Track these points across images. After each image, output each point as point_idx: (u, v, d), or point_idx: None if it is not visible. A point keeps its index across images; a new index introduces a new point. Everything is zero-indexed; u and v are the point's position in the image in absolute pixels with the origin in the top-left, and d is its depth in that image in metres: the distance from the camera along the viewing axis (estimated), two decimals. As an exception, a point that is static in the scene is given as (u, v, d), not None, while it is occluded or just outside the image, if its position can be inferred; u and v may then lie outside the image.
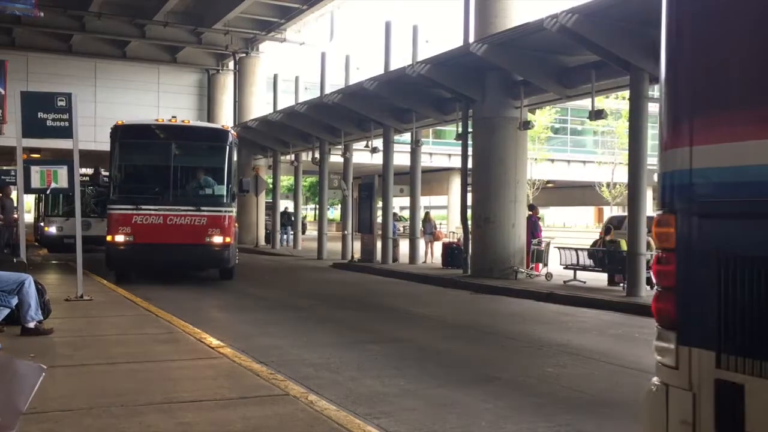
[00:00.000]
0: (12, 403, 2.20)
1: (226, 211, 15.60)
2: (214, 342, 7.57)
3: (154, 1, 28.98)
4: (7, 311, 7.65)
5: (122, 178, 15.69)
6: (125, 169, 15.95)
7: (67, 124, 10.69)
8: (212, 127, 18.20)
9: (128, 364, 6.53)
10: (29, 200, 26.44)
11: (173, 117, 16.31)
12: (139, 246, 14.73)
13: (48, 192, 13.87)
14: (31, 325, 7.72)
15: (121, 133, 15.62)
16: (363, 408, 5.59)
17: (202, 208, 15.18)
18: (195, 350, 7.23)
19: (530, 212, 18.59)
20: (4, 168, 32.48)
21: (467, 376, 7.18)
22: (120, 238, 14.81)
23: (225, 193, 15.71)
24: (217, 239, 15.18)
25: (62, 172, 11.10)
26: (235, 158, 16.33)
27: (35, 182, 11.06)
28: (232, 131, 16.64)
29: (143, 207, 14.89)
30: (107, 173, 16.93)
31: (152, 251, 14.71)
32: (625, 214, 18.04)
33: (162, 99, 33.49)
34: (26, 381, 2.24)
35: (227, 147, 15.90)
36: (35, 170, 11.08)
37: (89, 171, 27.16)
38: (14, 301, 7.62)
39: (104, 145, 32.42)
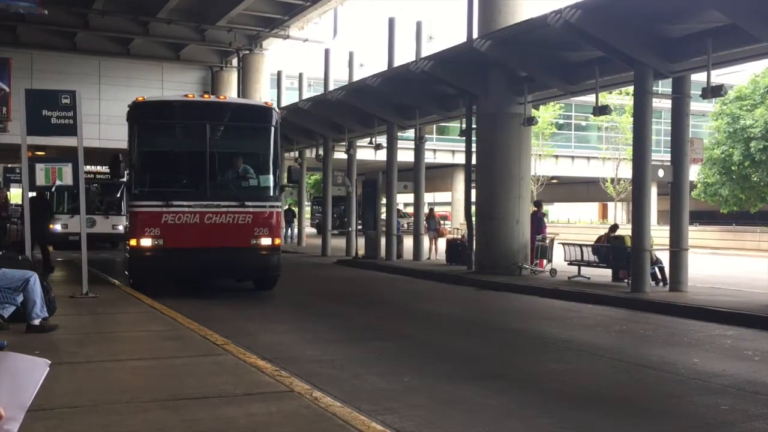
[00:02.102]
0: (17, 398, 2.21)
1: (273, 207, 13.01)
2: (219, 339, 7.58)
3: (157, -1, 28.97)
4: (12, 308, 7.68)
5: (146, 168, 12.82)
6: (149, 157, 13.03)
7: (71, 121, 10.70)
8: (254, 104, 14.99)
9: (133, 360, 6.54)
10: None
11: (205, 92, 14.21)
12: (170, 252, 12.04)
13: (53, 189, 13.89)
14: (37, 322, 7.74)
15: (142, 113, 12.71)
16: (367, 404, 5.60)
17: (247, 203, 12.53)
18: (200, 347, 7.24)
19: (536, 209, 18.58)
20: (9, 166, 32.61)
21: (471, 373, 7.18)
22: (146, 242, 12.08)
23: (272, 184, 13.10)
24: (265, 241, 12.62)
25: (67, 169, 11.12)
26: (279, 142, 13.49)
27: (40, 180, 11.08)
28: (276, 109, 13.66)
29: (175, 203, 12.13)
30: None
31: (187, 258, 12.11)
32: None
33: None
34: (31, 375, 2.25)
35: (272, 128, 13.06)
36: (40, 168, 11.09)
37: (95, 168, 27.16)
38: (20, 298, 7.64)
39: (109, 142, 32.63)
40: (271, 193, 13.02)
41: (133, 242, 12.29)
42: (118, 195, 28.58)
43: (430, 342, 9.12)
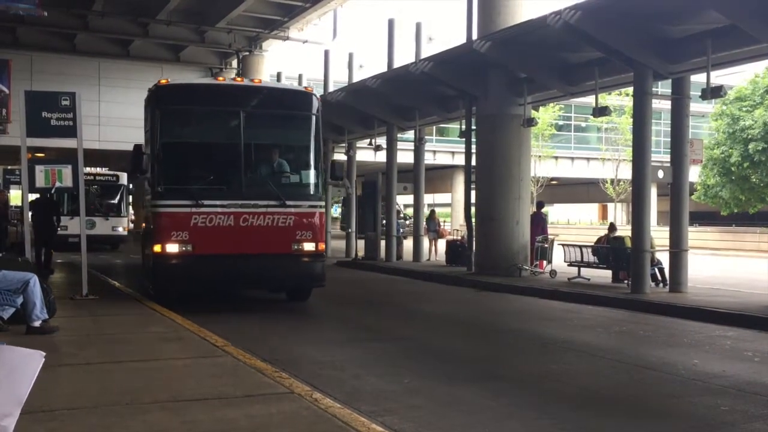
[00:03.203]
0: (13, 391, 2.20)
1: (317, 206, 11.41)
2: (219, 340, 7.58)
3: (157, 0, 28.98)
4: (12, 310, 7.69)
5: (171, 162, 11.05)
6: (175, 149, 11.28)
7: (71, 123, 10.70)
8: (293, 89, 12.85)
9: (133, 362, 6.54)
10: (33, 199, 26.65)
11: (238, 75, 12.68)
12: (200, 259, 10.54)
13: (53, 191, 13.88)
14: (37, 324, 7.74)
15: (166, 97, 11.21)
16: (367, 406, 5.60)
17: (288, 203, 10.98)
18: (200, 349, 7.24)
19: (537, 210, 18.61)
20: (9, 167, 32.59)
21: (472, 374, 7.18)
22: (172, 247, 10.52)
23: (316, 181, 11.61)
24: (309, 246, 11.10)
25: (67, 171, 11.12)
26: (321, 132, 11.96)
27: (40, 181, 11.08)
28: (317, 95, 12.10)
29: (206, 203, 10.59)
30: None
31: (219, 266, 10.60)
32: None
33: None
34: (26, 368, 2.24)
35: (313, 116, 11.67)
36: (40, 169, 11.10)
37: (94, 170, 27.15)
38: (20, 300, 7.65)
39: (108, 144, 32.69)
40: (316, 191, 11.52)
41: (157, 248, 10.59)
42: (118, 196, 28.62)
43: (430, 343, 9.11)
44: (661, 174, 14.05)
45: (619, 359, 8.03)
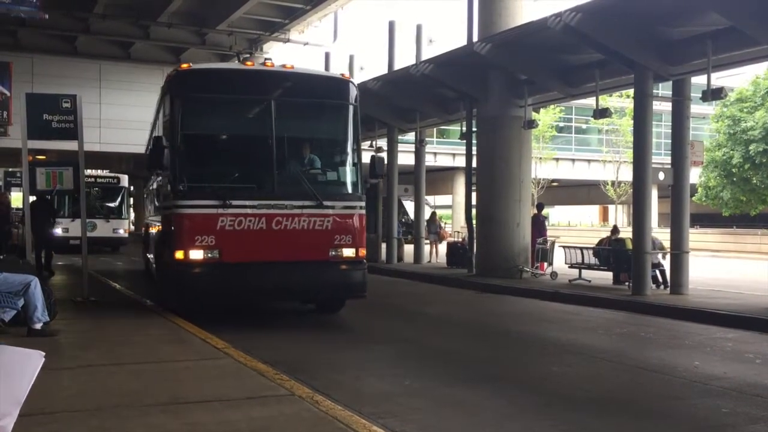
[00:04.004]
0: (12, 393, 2.20)
1: (357, 207, 10.20)
2: (220, 343, 7.58)
3: (157, 2, 29.01)
4: (13, 313, 7.68)
5: (194, 157, 9.86)
6: (198, 142, 10.10)
7: (72, 125, 10.71)
8: (330, 76, 11.56)
9: (134, 364, 6.54)
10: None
11: (268, 59, 10.88)
12: (228, 268, 9.38)
13: (53, 193, 13.91)
14: (38, 326, 7.75)
15: (189, 84, 9.97)
16: (368, 408, 5.60)
17: (326, 203, 9.83)
18: (201, 351, 7.25)
19: (537, 211, 18.63)
20: (10, 169, 32.62)
21: (472, 376, 7.18)
22: (197, 254, 9.29)
23: (355, 179, 10.39)
24: (348, 251, 10.01)
25: (68, 173, 11.14)
26: (360, 125, 10.77)
27: (41, 184, 11.10)
28: (354, 82, 10.85)
29: (235, 203, 9.39)
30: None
31: (249, 276, 9.46)
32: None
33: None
34: (26, 368, 2.24)
35: (352, 106, 10.50)
36: (41, 172, 11.12)
37: (95, 172, 27.18)
38: (21, 302, 7.64)
39: (109, 146, 32.73)
40: (355, 191, 10.29)
41: (179, 254, 9.33)
42: (119, 199, 28.65)
43: (430, 345, 9.11)
44: (661, 176, 14.05)
45: (619, 361, 8.03)
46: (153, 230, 14.28)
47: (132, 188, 31.60)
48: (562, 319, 11.54)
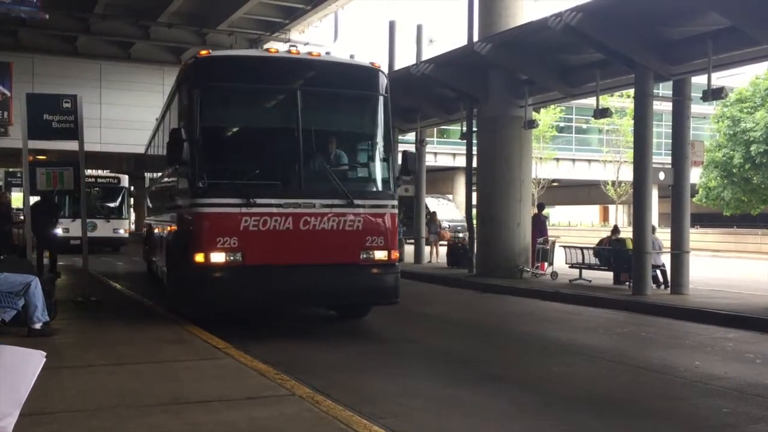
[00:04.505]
0: (13, 393, 2.20)
1: (389, 206, 9.51)
2: (221, 343, 7.58)
3: (158, 3, 29.03)
4: (13, 312, 7.68)
5: (214, 152, 9.13)
6: (219, 136, 9.47)
7: (72, 125, 10.71)
8: (358, 65, 10.50)
9: (135, 364, 6.54)
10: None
11: (292, 47, 9.99)
12: (251, 271, 8.67)
13: (53, 194, 13.87)
14: (38, 326, 7.75)
15: (208, 72, 9.22)
16: (369, 408, 5.59)
17: (357, 202, 9.15)
18: (201, 351, 7.24)
19: (538, 211, 18.63)
20: (11, 170, 32.64)
21: (473, 376, 7.18)
22: (218, 257, 8.60)
23: (388, 176, 9.68)
24: (380, 254, 9.32)
25: (68, 173, 11.13)
26: (391, 117, 9.94)
27: (41, 184, 11.09)
28: (384, 72, 10.11)
29: (259, 201, 8.71)
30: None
31: (275, 280, 8.77)
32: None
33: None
34: (27, 368, 2.23)
35: (382, 97, 9.80)
36: (41, 172, 11.11)
37: (96, 172, 27.16)
38: (21, 302, 7.65)
39: (110, 146, 32.73)
40: (387, 188, 9.57)
41: (198, 257, 8.60)
42: (119, 199, 28.66)
43: (431, 345, 9.11)
44: (662, 176, 14.05)
45: (620, 361, 8.03)
46: (158, 231, 13.73)
47: (132, 188, 31.57)
48: (562, 319, 11.54)
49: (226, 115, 9.66)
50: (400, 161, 9.90)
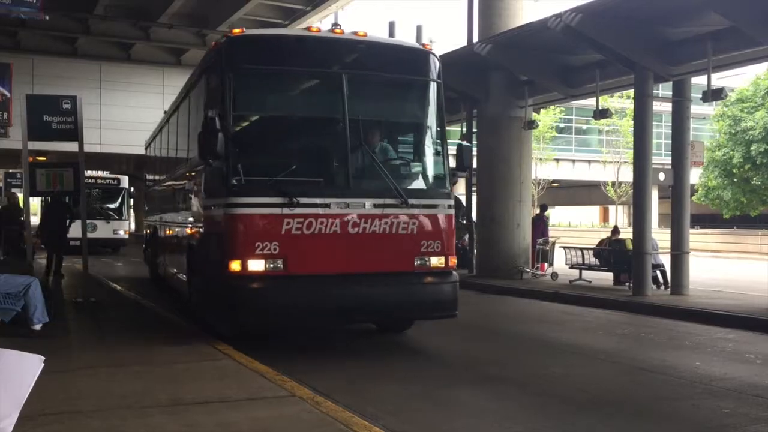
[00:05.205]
0: (12, 396, 2.20)
1: (445, 206, 8.47)
2: (220, 344, 7.58)
3: (158, 3, 29.03)
4: (13, 313, 7.70)
5: (250, 144, 8.05)
6: (255, 126, 8.49)
7: (72, 126, 10.73)
8: (409, 47, 9.44)
9: (135, 365, 6.54)
10: (35, 203, 26.67)
11: (336, 25, 8.81)
12: (297, 282, 7.56)
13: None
14: (38, 327, 7.76)
15: (242, 55, 8.07)
16: (369, 408, 5.59)
17: (411, 201, 8.06)
18: (201, 352, 7.24)
19: (540, 212, 18.63)
20: (11, 171, 32.64)
21: (473, 377, 7.18)
22: (257, 264, 7.48)
23: (443, 172, 8.65)
24: (437, 260, 8.31)
25: (68, 174, 11.14)
26: (444, 107, 8.91)
27: (41, 185, 11.10)
28: (436, 54, 9.02)
29: (303, 201, 7.58)
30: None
31: (323, 290, 7.65)
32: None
33: (167, 101, 33.43)
34: (25, 372, 2.23)
35: (436, 84, 8.76)
36: (41, 173, 11.12)
37: (95, 173, 27.15)
38: (21, 303, 7.65)
39: (109, 147, 32.71)
40: (442, 185, 8.56)
41: (234, 266, 7.46)
42: (119, 200, 28.67)
43: (430, 345, 9.10)
44: (662, 176, 14.05)
45: (620, 361, 8.03)
46: (168, 233, 12.59)
47: (132, 189, 31.56)
48: (562, 320, 11.53)
49: (263, 102, 8.49)
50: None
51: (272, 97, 8.55)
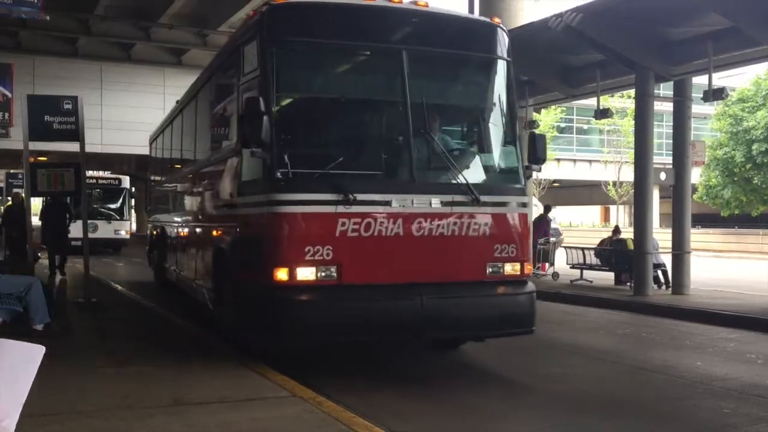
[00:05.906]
0: (14, 389, 2.19)
1: (519, 204, 7.28)
2: (222, 344, 7.58)
3: (158, 4, 29.04)
4: (14, 314, 7.69)
5: (297, 133, 7.03)
6: (303, 112, 7.30)
7: (73, 126, 10.71)
8: (476, 20, 8.52)
9: (135, 366, 6.54)
10: (36, 203, 26.77)
11: None
12: (353, 292, 6.45)
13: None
14: (39, 327, 7.76)
15: (285, 26, 6.82)
16: (370, 409, 5.59)
17: (483, 199, 6.84)
18: (202, 352, 7.24)
19: (544, 213, 18.63)
20: (12, 171, 32.64)
21: (474, 377, 7.17)
22: (306, 272, 6.34)
23: (516, 165, 7.40)
24: (511, 267, 7.06)
25: (69, 175, 11.13)
26: (515, 91, 7.73)
27: (42, 185, 11.09)
28: (505, 29, 7.78)
29: (360, 198, 6.43)
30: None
31: (385, 302, 6.53)
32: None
33: (168, 101, 33.40)
34: (26, 362, 2.22)
35: (506, 64, 7.51)
36: (42, 173, 11.11)
37: (96, 173, 27.14)
38: (22, 303, 7.65)
39: (110, 147, 32.73)
40: (517, 180, 7.32)
41: (280, 274, 6.30)
42: (120, 200, 28.68)
43: (431, 346, 9.09)
44: (663, 176, 14.05)
45: (621, 361, 8.02)
46: (184, 235, 11.43)
47: (133, 189, 31.56)
48: (563, 320, 11.53)
49: (311, 82, 7.35)
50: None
51: (322, 75, 7.41)
